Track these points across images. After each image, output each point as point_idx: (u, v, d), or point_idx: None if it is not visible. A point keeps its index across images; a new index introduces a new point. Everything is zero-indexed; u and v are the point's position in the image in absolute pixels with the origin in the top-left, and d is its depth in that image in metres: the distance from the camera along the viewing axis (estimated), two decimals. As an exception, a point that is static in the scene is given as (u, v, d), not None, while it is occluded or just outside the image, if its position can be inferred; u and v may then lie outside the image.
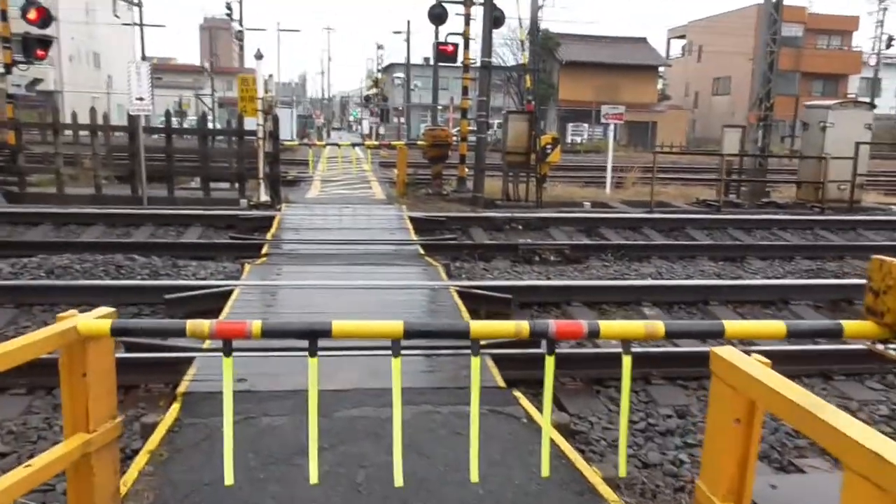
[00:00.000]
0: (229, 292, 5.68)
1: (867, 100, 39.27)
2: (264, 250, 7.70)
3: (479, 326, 2.42)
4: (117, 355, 2.75)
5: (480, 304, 5.96)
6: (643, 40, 48.07)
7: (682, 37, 57.72)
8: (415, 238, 8.78)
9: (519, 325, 2.45)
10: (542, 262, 8.54)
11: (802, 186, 14.25)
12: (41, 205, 10.55)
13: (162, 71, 67.54)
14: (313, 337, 2.32)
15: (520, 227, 10.33)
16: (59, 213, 9.44)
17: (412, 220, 9.92)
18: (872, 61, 50.22)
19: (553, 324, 2.45)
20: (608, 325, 2.52)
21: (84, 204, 10.89)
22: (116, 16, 34.05)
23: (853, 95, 51.31)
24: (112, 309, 2.48)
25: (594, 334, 2.54)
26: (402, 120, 41.74)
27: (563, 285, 6.46)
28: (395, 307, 5.45)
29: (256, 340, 2.31)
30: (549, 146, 13.02)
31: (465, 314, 5.31)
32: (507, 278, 7.27)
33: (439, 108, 39.85)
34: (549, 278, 7.20)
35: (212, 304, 5.58)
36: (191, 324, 2.31)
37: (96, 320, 2.31)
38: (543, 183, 12.81)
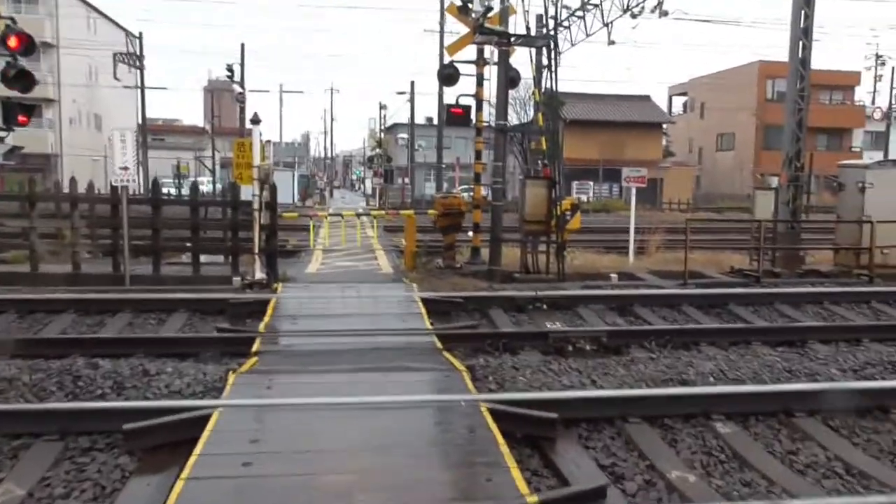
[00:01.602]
0: (207, 417, 4.53)
1: (878, 153, 38.66)
2: (255, 347, 6.58)
3: None
4: None
5: (517, 426, 4.80)
6: (647, 98, 47.91)
7: (684, 94, 57.79)
8: (429, 326, 7.65)
9: None
10: (577, 353, 7.40)
11: (841, 252, 13.20)
12: (9, 287, 9.48)
13: (163, 132, 67.68)
14: None
15: (544, 306, 9.21)
16: (25, 300, 8.34)
17: (424, 301, 8.80)
18: (877, 115, 49.89)
19: None
20: None
21: (58, 284, 9.83)
22: (117, 79, 33.70)
23: (858, 149, 50.94)
24: None
25: None
26: (407, 180, 41.12)
27: (616, 396, 5.30)
28: (412, 439, 4.30)
29: None
30: (568, 212, 12.04)
31: (503, 448, 4.15)
32: (542, 380, 6.09)
33: (443, 166, 39.33)
34: (592, 380, 6.03)
35: (184, 432, 4.44)
36: None
37: None
38: (563, 251, 11.77)
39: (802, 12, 13.36)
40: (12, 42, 11.12)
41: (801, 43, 13.59)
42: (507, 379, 6.04)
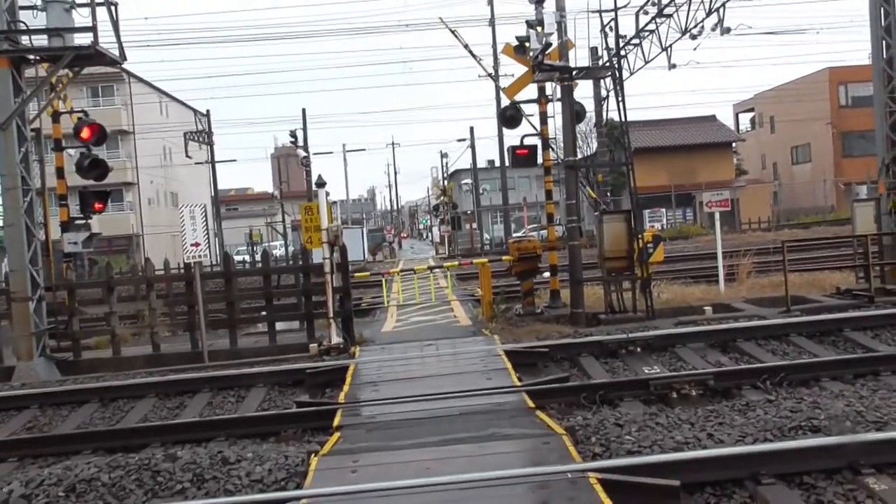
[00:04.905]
0: (289, 510, 4.16)
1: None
2: (337, 420, 6.21)
3: None
4: None
5: (633, 497, 4.23)
6: (712, 118, 46.56)
7: (750, 110, 55.93)
8: (517, 383, 7.14)
9: None
10: (683, 401, 6.74)
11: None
12: (93, 374, 9.52)
13: (236, 202, 70.06)
14: None
15: (638, 349, 8.54)
16: (106, 388, 8.27)
17: (508, 354, 8.30)
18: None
19: None
20: None
21: (140, 366, 9.84)
22: (189, 156, 35.08)
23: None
24: None
25: None
26: (475, 225, 40.89)
27: (742, 453, 4.64)
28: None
29: None
30: (650, 245, 11.39)
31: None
32: (652, 437, 5.46)
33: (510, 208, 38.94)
34: (709, 434, 5.37)
35: (267, 530, 4.08)
36: None
37: None
38: (648, 287, 11.07)
39: (882, 9, 12.49)
40: (85, 133, 11.49)
41: (884, 42, 12.67)
42: (612, 439, 5.44)
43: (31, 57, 10.60)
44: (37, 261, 10.19)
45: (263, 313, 11.32)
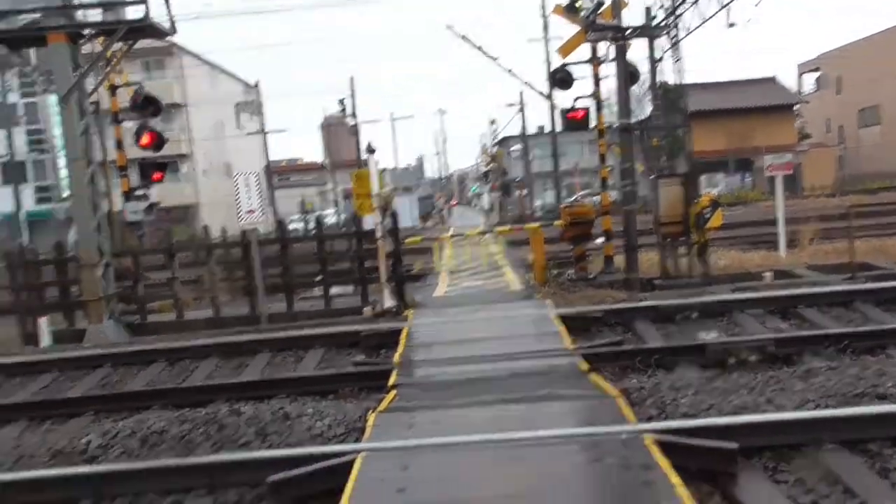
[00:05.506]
0: (350, 462, 4.30)
1: None
2: (392, 379, 6.34)
3: None
4: None
5: (689, 460, 4.21)
6: (771, 80, 44.82)
7: (816, 70, 53.63)
8: (570, 346, 7.13)
9: None
10: (741, 366, 6.64)
11: None
12: (159, 335, 9.91)
13: (287, 172, 71.01)
14: None
15: (695, 315, 8.43)
16: (173, 349, 8.60)
17: (561, 318, 8.29)
18: None
19: None
20: None
21: (201, 328, 10.18)
22: (240, 128, 35.62)
23: None
24: None
25: None
26: (525, 192, 40.60)
27: (804, 418, 4.57)
28: (571, 484, 3.85)
29: None
30: (706, 210, 11.14)
31: (680, 490, 3.60)
32: (708, 401, 5.41)
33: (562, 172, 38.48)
34: (768, 399, 5.29)
35: (329, 481, 4.24)
36: None
37: None
38: (705, 253, 10.87)
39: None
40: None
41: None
42: (668, 402, 5.41)
43: (86, 31, 10.87)
44: (102, 229, 10.58)
45: (319, 278, 11.55)
